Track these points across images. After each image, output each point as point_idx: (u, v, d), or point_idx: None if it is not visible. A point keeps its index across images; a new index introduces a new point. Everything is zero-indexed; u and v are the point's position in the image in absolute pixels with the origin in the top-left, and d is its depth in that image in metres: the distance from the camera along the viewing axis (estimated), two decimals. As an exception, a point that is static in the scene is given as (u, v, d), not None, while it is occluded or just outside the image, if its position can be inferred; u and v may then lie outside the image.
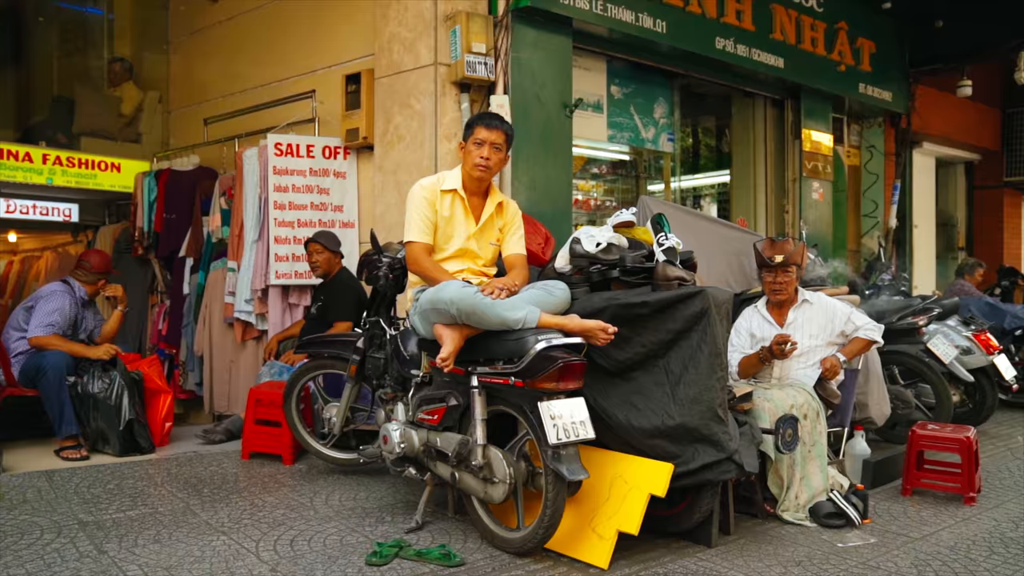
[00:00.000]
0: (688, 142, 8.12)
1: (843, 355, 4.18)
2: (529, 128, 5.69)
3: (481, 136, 3.55)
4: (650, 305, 3.31)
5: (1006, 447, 5.42)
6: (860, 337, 4.23)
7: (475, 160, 3.55)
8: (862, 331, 4.21)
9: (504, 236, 3.68)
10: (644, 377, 3.40)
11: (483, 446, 3.31)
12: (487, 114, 3.59)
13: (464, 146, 3.61)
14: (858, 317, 4.25)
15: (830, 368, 4.10)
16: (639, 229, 3.70)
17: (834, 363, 4.12)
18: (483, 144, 3.55)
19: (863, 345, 4.25)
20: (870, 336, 4.20)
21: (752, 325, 4.38)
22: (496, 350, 3.24)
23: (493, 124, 3.59)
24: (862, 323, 4.22)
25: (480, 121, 3.59)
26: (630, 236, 3.65)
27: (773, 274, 4.25)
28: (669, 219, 5.33)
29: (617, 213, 3.72)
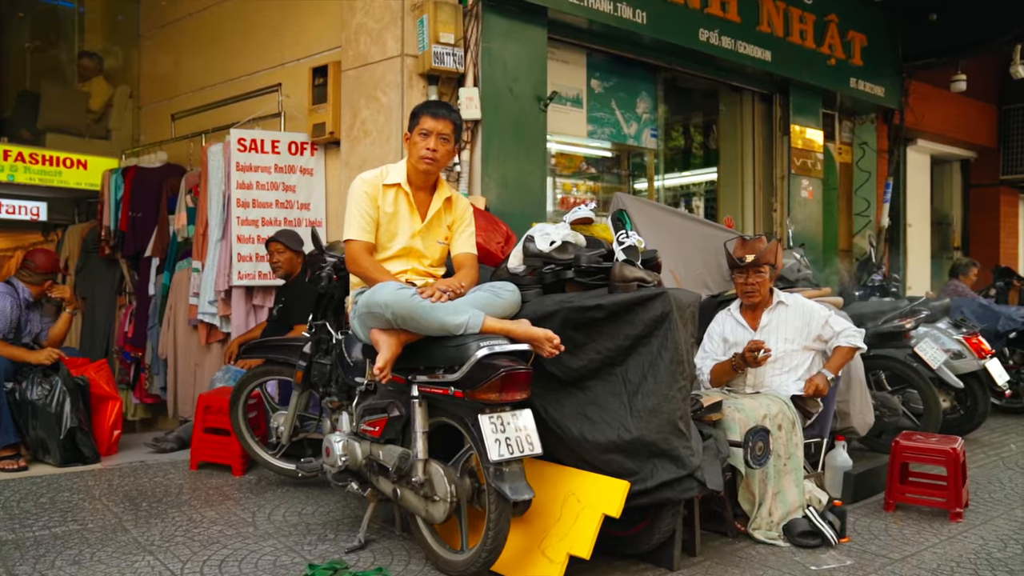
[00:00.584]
0: (673, 138, 7.82)
1: (828, 371, 3.87)
2: (500, 122, 5.41)
3: (427, 126, 3.27)
4: (605, 308, 3.02)
5: (998, 456, 5.12)
6: (841, 346, 3.92)
7: (421, 152, 3.27)
8: (842, 337, 3.91)
9: (453, 234, 3.40)
10: (600, 387, 3.11)
11: (424, 461, 3.03)
12: (433, 102, 3.31)
13: (409, 137, 3.33)
14: (837, 321, 3.95)
15: (817, 389, 3.80)
16: (599, 226, 3.41)
17: (820, 383, 3.81)
18: (429, 135, 3.27)
19: (846, 354, 3.94)
20: (851, 343, 3.90)
21: (725, 330, 4.09)
22: (437, 357, 2.96)
23: (440, 113, 3.31)
24: (841, 328, 3.92)
25: (426, 110, 3.30)
26: (588, 234, 3.37)
27: (745, 275, 3.95)
28: (644, 217, 5.09)
29: (575, 208, 3.43)
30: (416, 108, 3.35)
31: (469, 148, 5.38)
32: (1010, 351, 6.58)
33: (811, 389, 3.79)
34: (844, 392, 4.20)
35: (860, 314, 4.99)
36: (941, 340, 5.53)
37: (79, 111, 7.30)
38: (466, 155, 5.37)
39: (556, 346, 2.91)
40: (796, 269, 6.00)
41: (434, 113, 3.30)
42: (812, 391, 3.78)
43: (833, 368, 3.89)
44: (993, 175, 10.34)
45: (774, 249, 3.96)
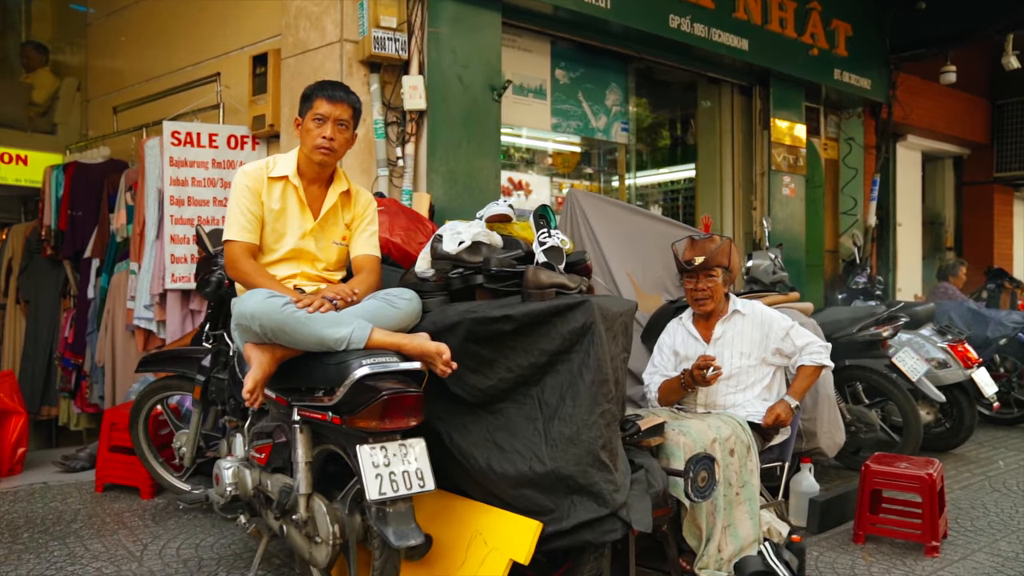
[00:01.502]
0: (647, 133, 7.35)
1: (791, 397, 3.38)
2: (449, 113, 4.96)
3: (322, 111, 2.81)
4: (514, 320, 2.57)
5: (984, 475, 4.65)
6: (805, 364, 3.43)
7: (316, 141, 2.81)
8: (805, 354, 3.42)
9: (352, 233, 2.94)
10: (513, 410, 2.66)
11: (306, 496, 2.58)
12: (328, 83, 2.86)
13: (300, 123, 2.87)
14: (800, 334, 3.46)
15: (778, 419, 3.31)
16: (519, 224, 2.96)
17: (782, 412, 3.33)
18: (325, 121, 2.81)
19: (811, 375, 3.44)
20: (815, 360, 3.41)
21: (676, 341, 3.61)
22: (317, 377, 2.50)
23: (337, 96, 2.85)
24: (804, 343, 3.44)
25: (320, 92, 2.83)
26: (506, 233, 2.91)
27: (694, 279, 3.47)
28: (601, 215, 4.63)
29: (491, 204, 2.97)
30: (308, 90, 2.89)
31: (414, 141, 4.93)
32: (1000, 358, 6.11)
33: (771, 419, 3.31)
34: (810, 409, 3.73)
35: (833, 321, 4.52)
36: (925, 348, 5.07)
37: (21, 104, 6.86)
38: (410, 148, 4.92)
39: (447, 363, 2.46)
40: (771, 271, 5.54)
41: (330, 96, 2.84)
42: (772, 421, 3.31)
43: (796, 393, 3.41)
44: (986, 172, 9.84)
45: (726, 250, 3.48)
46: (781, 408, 3.34)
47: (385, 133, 4.90)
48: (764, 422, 3.30)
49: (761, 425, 3.33)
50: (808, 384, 3.43)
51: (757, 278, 5.63)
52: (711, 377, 3.27)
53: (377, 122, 4.87)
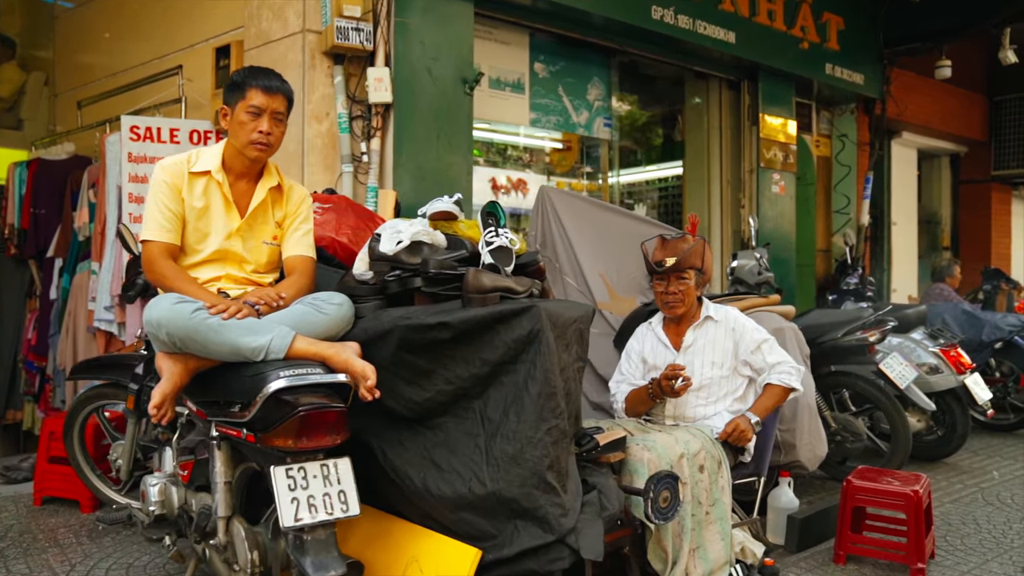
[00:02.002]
0: (632, 129, 7.11)
1: (754, 414, 3.08)
2: (417, 106, 4.72)
3: (258, 102, 2.57)
4: (452, 327, 2.33)
5: (977, 487, 4.40)
6: (772, 383, 3.15)
7: (252, 136, 2.57)
8: (774, 373, 3.13)
9: (284, 232, 2.70)
10: (453, 425, 2.42)
11: (225, 519, 2.34)
12: (261, 70, 2.62)
13: (228, 113, 2.63)
14: (772, 351, 3.17)
15: (738, 433, 3.02)
16: (465, 223, 2.71)
17: (743, 427, 3.03)
18: (261, 114, 2.57)
19: (778, 395, 3.13)
20: (784, 381, 3.11)
21: (645, 348, 3.36)
22: (234, 389, 2.26)
23: (273, 86, 2.61)
24: (775, 360, 3.15)
25: (254, 81, 2.59)
26: (451, 232, 2.67)
27: (665, 282, 3.21)
28: (573, 212, 4.38)
29: (434, 200, 2.73)
30: (239, 77, 2.63)
31: (380, 136, 4.70)
32: (996, 362, 5.87)
33: (730, 430, 3.03)
34: (789, 419, 3.48)
35: (817, 324, 4.27)
36: (916, 353, 4.82)
37: (-15, 99, 6.64)
38: (376, 143, 4.68)
39: (370, 389, 2.22)
40: (756, 272, 5.29)
41: (267, 87, 2.60)
42: (731, 433, 3.03)
43: (759, 410, 3.10)
44: (984, 170, 9.57)
45: (700, 251, 3.23)
46: (742, 422, 3.05)
47: (350, 128, 4.66)
48: (720, 435, 3.04)
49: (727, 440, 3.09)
50: (773, 404, 3.13)
51: (742, 279, 5.39)
52: (680, 388, 3.02)
53: (341, 116, 4.63)
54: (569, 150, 6.49)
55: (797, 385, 3.11)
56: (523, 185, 6.36)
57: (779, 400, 3.13)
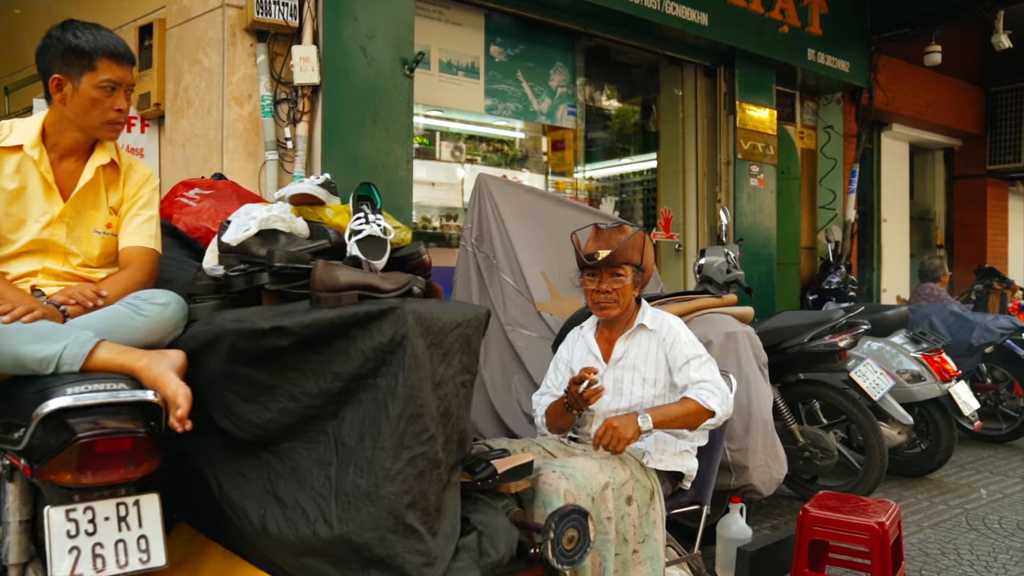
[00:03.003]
0: (602, 119, 6.66)
1: (650, 415, 2.52)
2: (349, 88, 4.28)
3: (112, 75, 2.12)
4: (291, 333, 1.88)
5: (962, 508, 3.94)
6: (690, 398, 2.60)
7: (109, 116, 2.14)
8: (693, 390, 2.60)
9: (122, 219, 2.25)
10: (303, 452, 1.97)
11: (19, 566, 1.90)
12: (111, 37, 2.16)
13: (65, 84, 2.15)
14: (699, 368, 2.62)
15: (606, 436, 2.42)
16: (334, 207, 2.26)
17: (614, 426, 2.41)
18: (117, 88, 2.15)
19: (691, 412, 2.53)
20: (703, 400, 2.54)
21: (574, 357, 2.88)
22: (15, 410, 1.82)
23: (127, 57, 2.17)
24: (699, 378, 2.60)
25: (104, 51, 2.11)
26: (315, 218, 2.23)
27: (596, 278, 2.73)
28: (515, 204, 3.93)
29: (295, 182, 2.28)
30: (82, 42, 2.13)
31: (306, 120, 4.26)
32: (987, 368, 5.40)
33: (603, 436, 2.43)
34: (741, 437, 3.02)
35: (781, 328, 3.81)
36: (898, 359, 4.36)
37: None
38: (302, 129, 4.24)
39: (180, 419, 1.77)
40: (724, 270, 4.83)
41: (121, 57, 2.15)
42: (604, 438, 2.42)
43: (660, 416, 2.49)
44: (979, 165, 9.08)
45: (638, 243, 2.75)
46: (622, 420, 2.42)
47: (274, 111, 4.22)
48: (593, 440, 2.48)
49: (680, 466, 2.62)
50: (678, 416, 2.53)
51: (711, 277, 4.94)
52: (588, 394, 2.55)
53: (265, 99, 4.19)
54: (530, 140, 6.05)
55: (716, 408, 2.55)
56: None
57: (689, 418, 2.55)
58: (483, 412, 3.71)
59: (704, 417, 2.54)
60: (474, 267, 3.85)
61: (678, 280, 6.45)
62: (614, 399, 2.69)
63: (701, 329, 3.10)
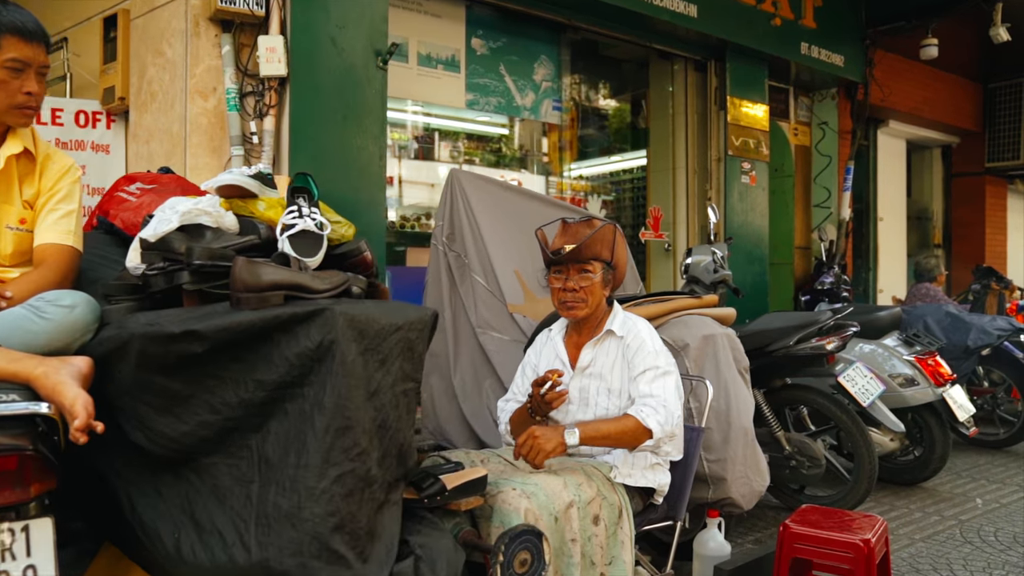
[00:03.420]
0: (590, 115, 6.47)
1: (579, 430, 2.26)
2: (319, 81, 4.10)
3: (20, 54, 1.94)
4: (204, 338, 1.69)
5: (956, 519, 3.75)
6: (630, 415, 2.34)
7: (18, 99, 1.97)
8: (635, 406, 2.38)
9: (37, 214, 2.07)
10: (224, 467, 1.79)
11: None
12: (17, 9, 1.99)
13: None
14: (651, 381, 2.40)
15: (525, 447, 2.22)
16: (267, 199, 2.08)
17: (536, 435, 2.22)
18: (27, 69, 1.97)
19: (628, 430, 2.31)
20: (642, 418, 2.31)
21: (541, 361, 2.69)
22: None
23: (37, 36, 1.99)
24: (647, 392, 2.38)
25: (9, 28, 1.93)
26: (247, 213, 2.04)
27: (563, 276, 2.53)
28: (488, 200, 3.75)
29: (224, 172, 2.10)
30: None
31: (273, 115, 4.08)
32: (984, 371, 5.21)
33: (522, 446, 2.24)
34: (719, 447, 2.83)
35: (766, 331, 3.62)
36: (890, 362, 4.18)
37: None
38: (269, 123, 4.07)
39: (80, 429, 1.58)
40: (711, 269, 4.65)
41: (29, 34, 1.97)
42: (523, 449, 2.23)
43: (591, 431, 2.28)
44: (978, 163, 8.88)
45: (608, 237, 2.55)
46: (545, 433, 2.21)
47: (240, 104, 4.05)
48: (514, 451, 2.29)
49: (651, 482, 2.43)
50: (611, 433, 2.31)
51: (697, 277, 4.76)
52: (551, 396, 2.36)
53: (230, 91, 4.02)
54: (514, 136, 5.88)
55: (654, 427, 2.30)
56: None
57: (625, 436, 2.32)
58: (453, 418, 3.53)
59: (643, 437, 2.32)
60: (445, 267, 3.66)
61: (667, 281, 6.27)
62: (580, 409, 2.50)
63: (677, 332, 2.92)
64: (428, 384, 3.70)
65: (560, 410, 2.52)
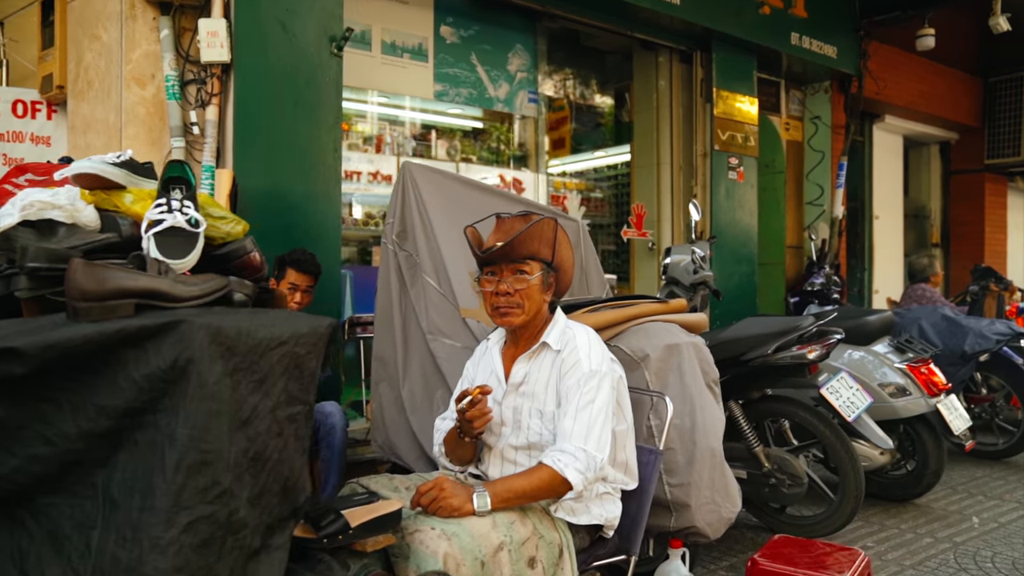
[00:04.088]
0: (569, 108, 6.17)
1: (490, 498, 1.93)
2: (267, 68, 3.82)
3: None
4: (27, 357, 1.38)
5: (950, 541, 3.44)
6: (546, 465, 1.98)
7: None
8: (551, 452, 2.00)
9: None
10: (65, 509, 1.48)
11: None
12: None
13: None
14: (575, 416, 2.03)
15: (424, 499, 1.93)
16: (135, 191, 1.78)
17: (434, 497, 1.92)
18: None
19: (544, 482, 1.98)
20: (560, 470, 1.96)
21: (478, 375, 2.37)
22: None
23: None
24: (567, 431, 2.02)
25: None
26: (110, 206, 1.74)
27: (495, 277, 2.22)
28: (441, 195, 3.45)
29: (82, 159, 1.80)
30: None
31: (217, 103, 3.79)
32: (982, 377, 4.90)
33: (422, 496, 1.93)
34: (683, 470, 2.52)
35: (743, 338, 3.31)
36: (881, 371, 3.87)
37: None
38: (211, 113, 3.78)
39: None
40: (691, 270, 4.36)
41: None
42: (423, 500, 1.93)
43: (504, 495, 1.95)
44: (977, 159, 8.55)
45: (547, 233, 2.21)
46: (451, 489, 1.91)
47: (181, 93, 3.76)
48: (412, 500, 1.98)
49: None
50: (527, 492, 1.97)
51: (676, 278, 4.46)
52: (472, 415, 2.06)
53: (170, 78, 3.73)
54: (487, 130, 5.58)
55: (573, 479, 1.97)
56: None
57: (542, 492, 1.98)
58: (402, 432, 3.22)
59: (562, 490, 2.00)
60: (395, 268, 3.35)
61: (652, 282, 5.97)
62: (512, 433, 2.19)
63: (637, 341, 2.61)
64: (377, 393, 3.42)
65: (493, 432, 2.22)
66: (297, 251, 3.53)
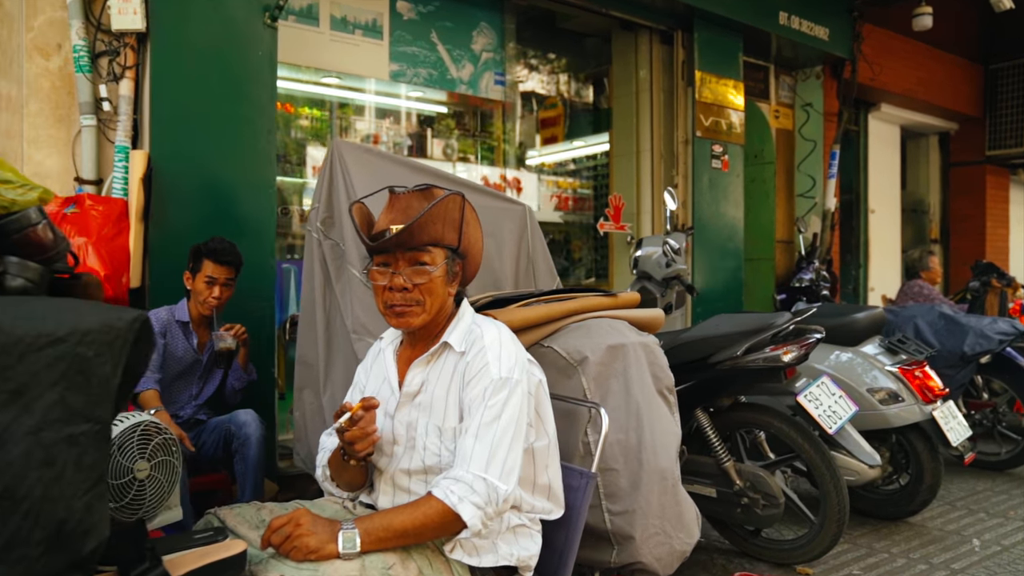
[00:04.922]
0: (541, 92, 5.77)
1: (360, 540, 1.53)
2: (188, 38, 3.44)
3: None
4: None
5: (947, 568, 3.03)
6: (435, 498, 1.58)
7: None
8: (443, 483, 1.60)
9: None
10: None
11: None
12: None
13: None
14: (476, 436, 1.64)
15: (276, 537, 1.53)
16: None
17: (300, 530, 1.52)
18: None
19: (433, 525, 1.59)
20: (453, 506, 1.57)
21: (369, 383, 1.96)
22: None
23: None
24: (466, 455, 1.62)
25: None
26: None
27: (388, 269, 1.78)
28: (371, 175, 3.06)
29: None
30: None
31: (131, 77, 3.41)
32: (983, 380, 4.49)
33: (272, 534, 1.54)
34: (627, 495, 2.11)
35: (709, 338, 2.90)
36: (871, 374, 3.47)
37: None
38: (126, 87, 3.40)
39: None
40: (663, 264, 3.98)
41: None
42: (274, 539, 1.53)
43: (378, 535, 1.55)
44: (978, 151, 8.13)
45: (453, 214, 1.78)
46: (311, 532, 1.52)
47: (91, 65, 3.37)
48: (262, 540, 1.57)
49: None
50: (408, 530, 1.58)
51: (648, 272, 4.07)
52: (350, 436, 1.66)
53: (79, 49, 3.35)
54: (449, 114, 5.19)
55: (467, 515, 1.57)
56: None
57: (427, 532, 1.59)
58: (323, 445, 2.83)
59: (454, 527, 1.60)
60: (319, 259, 2.96)
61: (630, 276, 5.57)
62: (406, 454, 1.79)
63: (575, 341, 2.21)
64: (300, 401, 3.03)
65: (384, 453, 1.82)
66: (214, 240, 3.14)
